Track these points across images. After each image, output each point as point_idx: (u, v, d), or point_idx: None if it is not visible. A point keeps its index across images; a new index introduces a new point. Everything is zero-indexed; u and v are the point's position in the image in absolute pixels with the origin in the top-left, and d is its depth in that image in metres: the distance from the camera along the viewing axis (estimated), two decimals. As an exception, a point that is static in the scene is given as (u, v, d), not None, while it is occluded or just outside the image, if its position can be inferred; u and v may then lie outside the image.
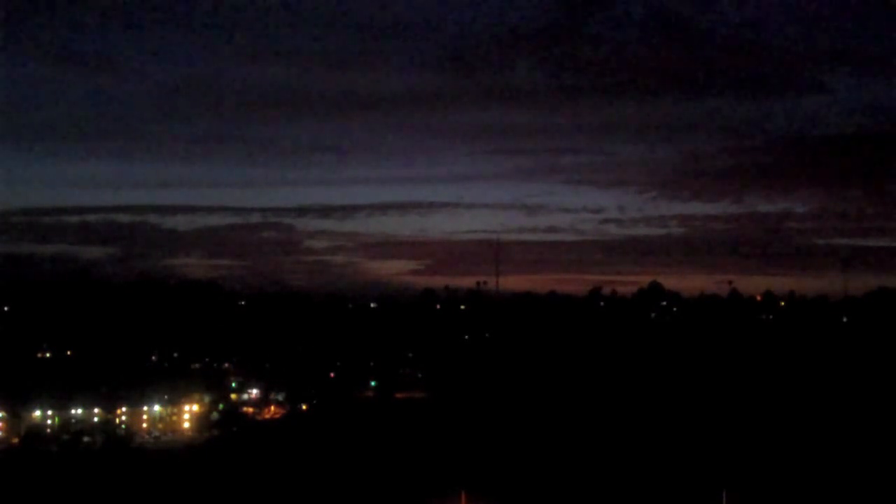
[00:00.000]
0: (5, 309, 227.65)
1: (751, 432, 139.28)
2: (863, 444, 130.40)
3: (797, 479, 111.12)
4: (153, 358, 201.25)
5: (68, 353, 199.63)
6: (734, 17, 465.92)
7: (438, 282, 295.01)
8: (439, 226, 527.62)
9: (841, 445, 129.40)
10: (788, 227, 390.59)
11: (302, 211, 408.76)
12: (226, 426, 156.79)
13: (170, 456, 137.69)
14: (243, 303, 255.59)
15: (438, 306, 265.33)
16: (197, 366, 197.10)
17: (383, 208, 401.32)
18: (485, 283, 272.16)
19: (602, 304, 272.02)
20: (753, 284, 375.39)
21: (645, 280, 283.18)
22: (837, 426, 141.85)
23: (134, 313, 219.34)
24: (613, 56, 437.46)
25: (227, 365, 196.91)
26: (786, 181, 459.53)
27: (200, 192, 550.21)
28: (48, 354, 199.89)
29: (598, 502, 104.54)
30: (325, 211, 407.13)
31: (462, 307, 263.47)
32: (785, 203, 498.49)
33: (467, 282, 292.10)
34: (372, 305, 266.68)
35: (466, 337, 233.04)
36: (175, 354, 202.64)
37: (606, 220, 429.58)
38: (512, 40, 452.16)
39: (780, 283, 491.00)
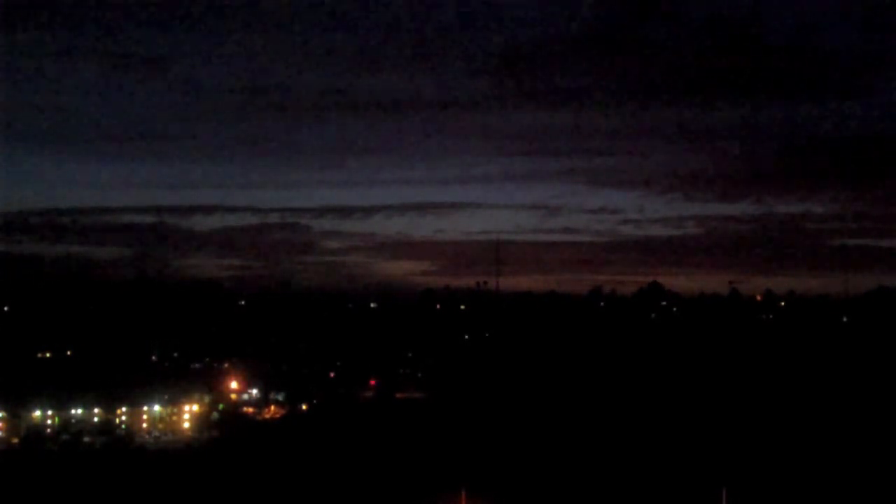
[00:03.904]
0: (5, 309, 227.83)
1: (751, 431, 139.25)
2: (863, 443, 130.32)
3: (797, 478, 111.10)
4: (153, 358, 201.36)
5: (68, 353, 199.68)
6: (788, 21, 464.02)
7: (449, 282, 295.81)
8: (457, 227, 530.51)
9: (841, 445, 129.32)
10: (804, 227, 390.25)
11: (321, 211, 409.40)
12: (226, 426, 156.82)
13: (170, 456, 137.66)
14: (243, 303, 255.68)
15: (438, 306, 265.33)
16: (197, 366, 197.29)
17: (402, 209, 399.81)
18: (485, 283, 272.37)
19: (602, 303, 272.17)
20: (765, 284, 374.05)
21: (652, 280, 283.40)
22: (837, 426, 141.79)
23: (134, 313, 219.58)
24: (655, 60, 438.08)
25: (227, 365, 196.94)
26: (809, 183, 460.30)
27: (221, 192, 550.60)
28: (48, 354, 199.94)
29: (599, 501, 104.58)
30: (344, 211, 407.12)
31: (462, 307, 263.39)
32: (806, 204, 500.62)
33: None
34: (372, 305, 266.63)
35: (466, 337, 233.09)
36: (175, 354, 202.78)
37: (624, 221, 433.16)
38: (555, 45, 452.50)
39: (791, 283, 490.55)
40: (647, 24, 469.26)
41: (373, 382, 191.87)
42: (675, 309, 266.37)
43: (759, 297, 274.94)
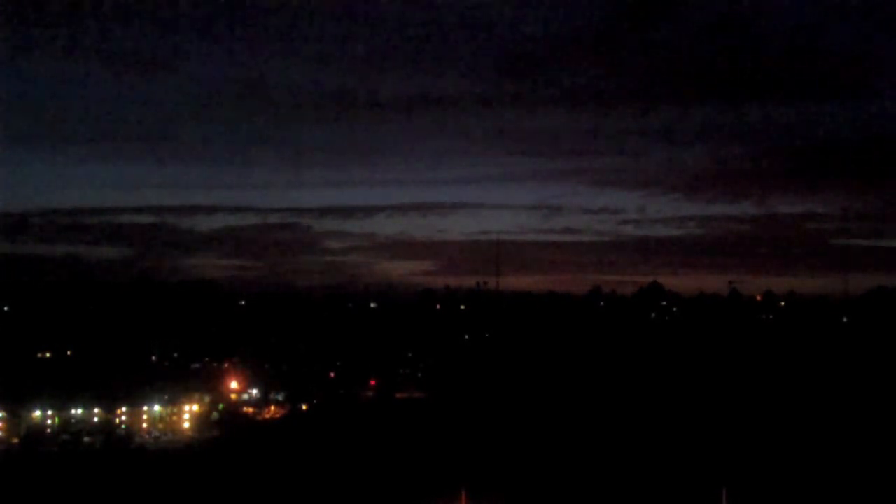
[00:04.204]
0: (6, 309, 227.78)
1: (751, 431, 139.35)
2: (863, 443, 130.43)
3: (797, 477, 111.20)
4: (153, 358, 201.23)
5: (68, 353, 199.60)
6: (791, 22, 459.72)
7: (450, 283, 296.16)
8: (459, 227, 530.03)
9: (841, 445, 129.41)
10: (805, 228, 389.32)
11: (323, 211, 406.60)
12: (226, 426, 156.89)
13: (170, 456, 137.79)
14: (243, 303, 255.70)
15: (438, 306, 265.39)
16: (197, 366, 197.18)
17: (404, 209, 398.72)
18: (485, 283, 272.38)
19: (602, 303, 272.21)
20: (766, 285, 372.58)
21: (652, 280, 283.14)
22: (837, 426, 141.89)
23: (134, 313, 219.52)
24: (657, 61, 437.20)
25: (227, 365, 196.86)
26: (811, 183, 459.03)
27: (222, 193, 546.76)
28: (48, 354, 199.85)
29: (599, 501, 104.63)
30: (346, 211, 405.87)
31: (462, 307, 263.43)
32: (808, 205, 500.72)
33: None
34: (372, 305, 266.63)
35: (466, 337, 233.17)
36: (175, 354, 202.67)
37: (625, 222, 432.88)
38: (557, 45, 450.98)
39: (793, 284, 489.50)
40: (650, 24, 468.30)
41: (373, 382, 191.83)
42: (674, 309, 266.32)
43: (758, 298, 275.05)
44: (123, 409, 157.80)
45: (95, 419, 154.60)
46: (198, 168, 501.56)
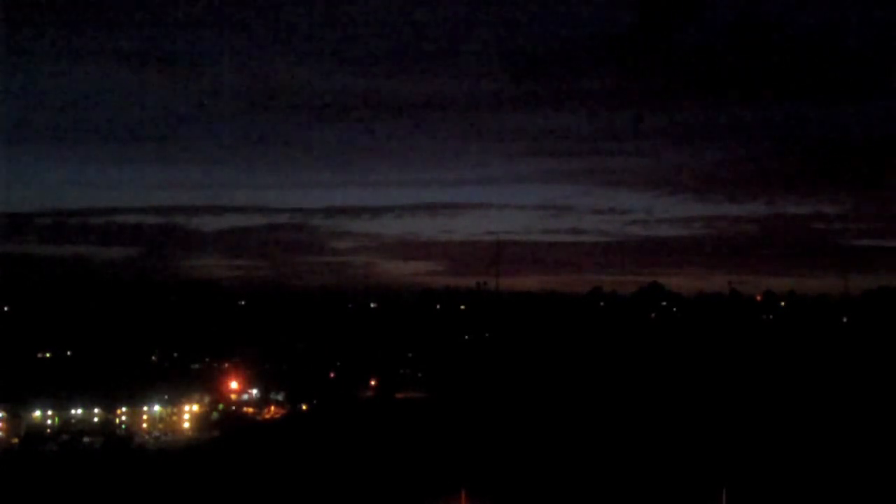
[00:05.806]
0: (6, 309, 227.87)
1: (751, 431, 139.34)
2: (863, 444, 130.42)
3: (797, 478, 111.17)
4: (153, 358, 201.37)
5: (68, 353, 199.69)
6: (800, 22, 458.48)
7: (456, 283, 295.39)
8: (467, 227, 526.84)
9: (841, 445, 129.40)
10: (813, 228, 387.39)
11: (330, 212, 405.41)
12: (226, 426, 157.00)
13: (170, 456, 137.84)
14: (243, 303, 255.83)
15: (438, 306, 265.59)
16: (197, 366, 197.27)
17: (412, 209, 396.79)
18: (485, 283, 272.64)
19: (602, 303, 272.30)
20: (772, 286, 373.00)
21: (652, 280, 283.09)
22: (837, 426, 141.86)
23: (136, 313, 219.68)
24: (672, 63, 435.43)
25: (227, 365, 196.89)
26: (821, 183, 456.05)
27: (229, 193, 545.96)
28: (48, 354, 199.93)
29: (598, 501, 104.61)
30: (354, 212, 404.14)
31: (462, 307, 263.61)
32: (817, 205, 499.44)
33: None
34: (372, 305, 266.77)
35: (466, 337, 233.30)
36: (175, 354, 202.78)
37: (632, 222, 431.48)
38: (567, 46, 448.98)
39: (799, 285, 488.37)
40: (659, 25, 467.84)
41: (373, 382, 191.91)
42: (674, 309, 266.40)
43: (758, 297, 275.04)
44: (123, 409, 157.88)
45: (95, 419, 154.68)
46: (204, 168, 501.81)
